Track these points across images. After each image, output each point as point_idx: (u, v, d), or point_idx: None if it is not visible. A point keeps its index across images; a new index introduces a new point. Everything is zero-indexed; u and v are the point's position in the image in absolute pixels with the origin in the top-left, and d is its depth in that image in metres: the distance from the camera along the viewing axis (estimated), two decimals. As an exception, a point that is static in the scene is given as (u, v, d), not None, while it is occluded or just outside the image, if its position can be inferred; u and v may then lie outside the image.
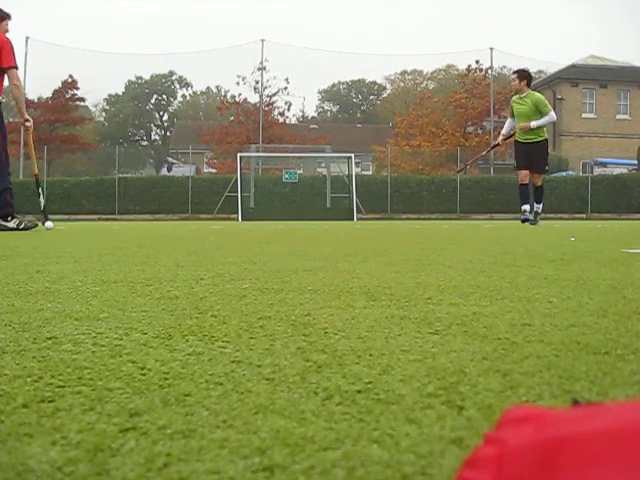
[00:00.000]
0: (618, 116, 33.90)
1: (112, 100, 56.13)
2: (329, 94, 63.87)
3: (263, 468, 0.51)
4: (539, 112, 8.38)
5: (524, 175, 9.11)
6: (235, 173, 21.22)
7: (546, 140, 8.76)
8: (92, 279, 1.91)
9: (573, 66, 34.23)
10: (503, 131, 9.21)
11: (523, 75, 8.51)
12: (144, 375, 0.80)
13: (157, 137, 59.28)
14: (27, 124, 6.76)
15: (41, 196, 7.25)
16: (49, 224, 7.27)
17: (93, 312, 1.31)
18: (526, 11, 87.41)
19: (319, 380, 0.77)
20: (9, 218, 6.46)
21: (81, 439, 0.57)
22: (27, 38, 27.15)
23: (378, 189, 24.36)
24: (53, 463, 0.52)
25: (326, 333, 1.07)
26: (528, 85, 8.47)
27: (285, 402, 0.68)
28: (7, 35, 6.57)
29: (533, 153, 8.62)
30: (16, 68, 6.47)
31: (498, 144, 9.56)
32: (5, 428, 0.61)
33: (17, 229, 6.50)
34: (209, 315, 1.26)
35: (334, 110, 64.58)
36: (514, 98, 8.68)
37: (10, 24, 6.69)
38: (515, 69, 8.88)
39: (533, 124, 8.31)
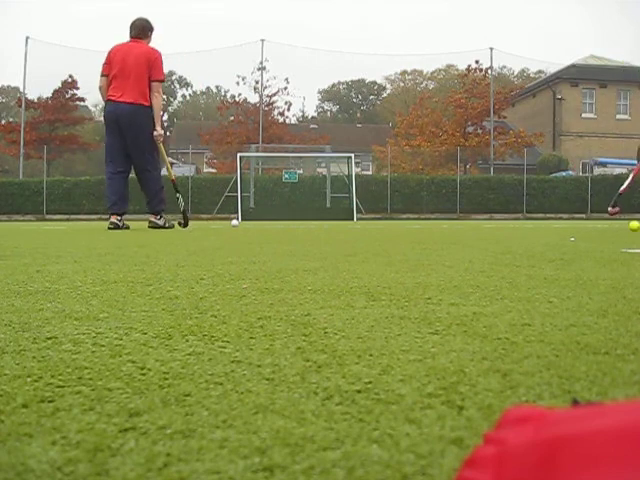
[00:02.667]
0: (618, 116, 33.91)
1: (112, 100, 56.08)
2: (329, 94, 63.91)
3: (263, 468, 0.51)
4: None
5: None
6: (235, 173, 21.23)
7: None
8: (92, 279, 1.91)
9: (573, 66, 34.24)
10: None
11: None
12: (144, 375, 0.80)
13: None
14: (155, 133, 7.17)
15: (180, 199, 7.91)
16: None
17: (93, 312, 1.31)
18: (526, 11, 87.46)
19: (319, 380, 0.77)
20: (159, 217, 7.19)
21: (81, 439, 0.57)
22: (27, 38, 27.15)
23: (378, 189, 24.37)
24: (53, 463, 0.52)
25: (326, 333, 1.07)
26: None
27: (285, 402, 0.68)
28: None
29: None
30: (162, 81, 7.10)
31: None
32: (5, 428, 0.61)
33: (164, 227, 7.26)
34: (209, 315, 1.26)
35: (334, 110, 64.62)
36: None
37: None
38: None
39: None
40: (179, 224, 7.74)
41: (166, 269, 2.23)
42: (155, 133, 7.22)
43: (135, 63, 6.92)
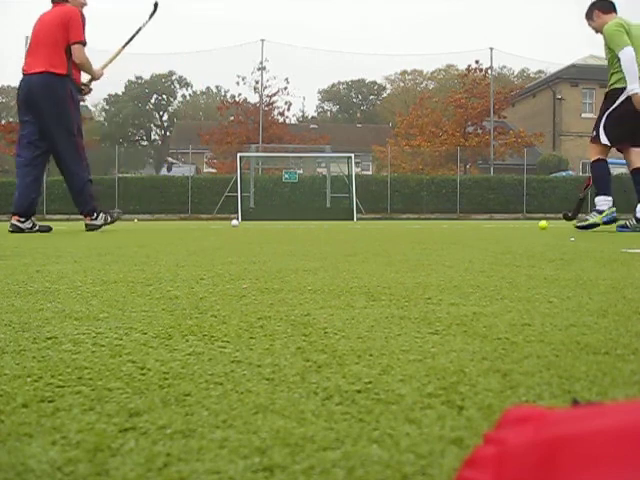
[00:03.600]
0: (618, 116, 33.87)
1: (112, 100, 56.17)
2: (329, 94, 63.93)
3: (263, 468, 0.51)
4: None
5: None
6: (235, 173, 21.22)
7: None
8: (92, 279, 1.91)
9: (573, 66, 34.26)
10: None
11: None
12: (144, 375, 0.80)
13: (157, 137, 59.34)
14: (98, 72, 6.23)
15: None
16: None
17: (93, 312, 1.31)
18: (526, 11, 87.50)
19: (319, 380, 0.77)
20: (95, 215, 6.18)
21: (81, 439, 0.57)
22: (27, 38, 27.15)
23: (378, 189, 24.39)
24: (53, 463, 0.52)
25: (326, 333, 1.07)
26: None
27: (285, 402, 0.68)
28: (84, 9, 6.21)
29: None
30: (83, 44, 5.94)
31: None
32: (5, 428, 0.61)
33: (106, 224, 6.25)
34: (209, 315, 1.26)
35: (334, 110, 64.64)
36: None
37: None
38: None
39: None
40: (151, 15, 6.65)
41: (166, 269, 2.23)
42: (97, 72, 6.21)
43: (46, 29, 5.90)
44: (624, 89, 6.04)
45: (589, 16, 6.47)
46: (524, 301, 1.44)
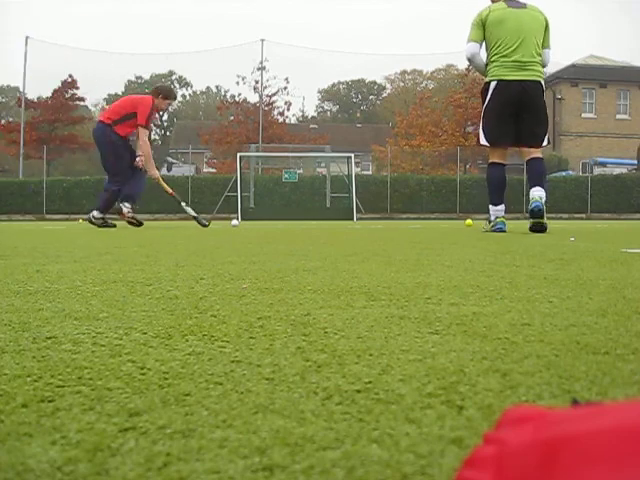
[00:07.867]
0: (618, 116, 33.93)
1: (112, 100, 56.20)
2: (329, 94, 63.95)
3: (263, 468, 0.51)
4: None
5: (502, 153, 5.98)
6: (235, 173, 21.22)
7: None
8: (92, 279, 1.91)
9: (573, 66, 34.27)
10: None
11: None
12: (144, 375, 0.80)
13: (157, 137, 59.32)
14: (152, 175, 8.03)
15: (185, 207, 8.53)
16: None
17: (93, 312, 1.30)
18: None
19: (319, 380, 0.77)
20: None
21: (81, 439, 0.57)
22: (27, 38, 27.17)
23: (378, 189, 24.39)
24: (53, 463, 0.52)
25: (326, 333, 1.07)
26: None
27: (285, 402, 0.68)
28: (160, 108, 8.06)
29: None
30: (146, 128, 7.66)
31: None
32: (5, 428, 0.61)
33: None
34: (209, 315, 1.26)
35: (334, 110, 64.65)
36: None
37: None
38: None
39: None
40: (203, 225, 8.17)
41: (166, 269, 2.23)
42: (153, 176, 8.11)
43: (124, 100, 8.11)
44: (490, 82, 5.71)
45: None
46: (524, 301, 1.44)
